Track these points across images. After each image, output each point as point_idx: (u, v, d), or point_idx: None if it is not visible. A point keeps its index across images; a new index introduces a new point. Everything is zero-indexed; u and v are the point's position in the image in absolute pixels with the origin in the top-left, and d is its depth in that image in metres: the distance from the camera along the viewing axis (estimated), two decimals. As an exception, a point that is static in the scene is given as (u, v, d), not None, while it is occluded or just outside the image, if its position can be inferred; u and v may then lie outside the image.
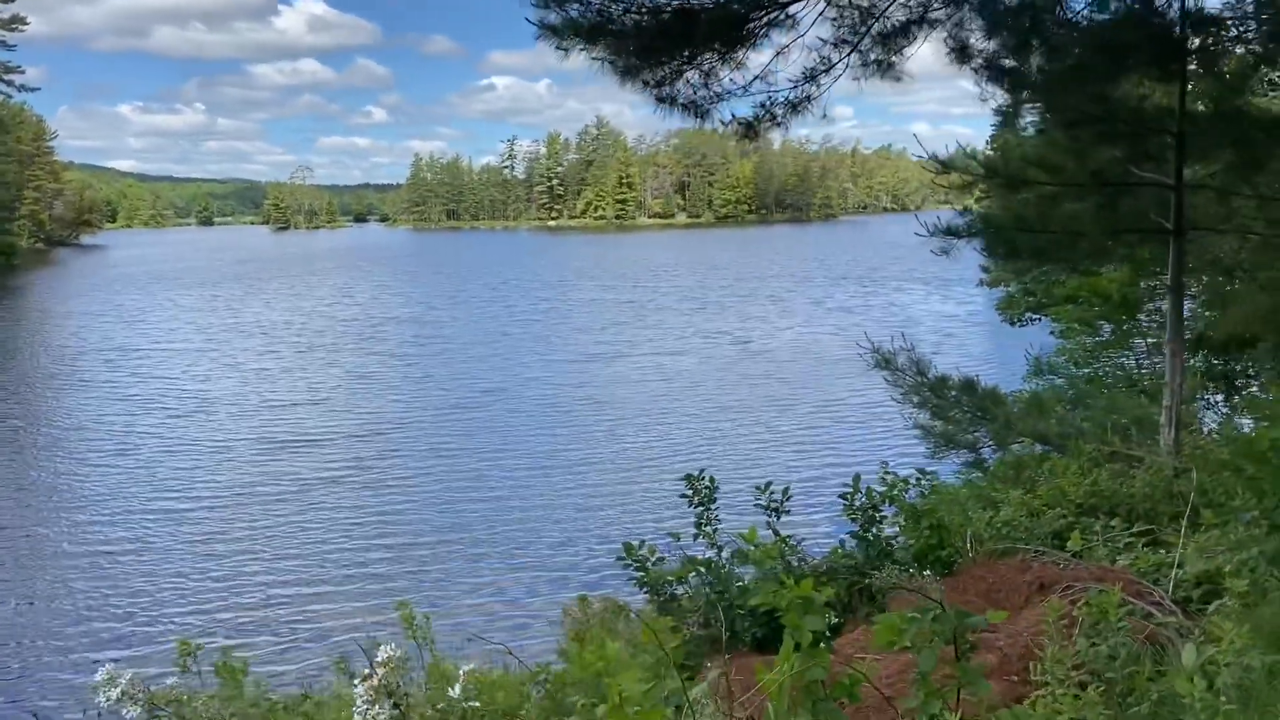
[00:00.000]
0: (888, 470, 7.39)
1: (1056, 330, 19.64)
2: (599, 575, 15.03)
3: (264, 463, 23.16)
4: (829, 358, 36.70)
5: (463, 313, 55.14)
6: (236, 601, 15.12)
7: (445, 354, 40.07)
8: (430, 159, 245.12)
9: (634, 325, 47.43)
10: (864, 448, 22.57)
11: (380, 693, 2.51)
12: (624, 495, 20.11)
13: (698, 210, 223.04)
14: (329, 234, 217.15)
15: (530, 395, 31.07)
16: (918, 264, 78.42)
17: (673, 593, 6.19)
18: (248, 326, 50.07)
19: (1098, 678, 4.36)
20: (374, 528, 18.41)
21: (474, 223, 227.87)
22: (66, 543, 17.86)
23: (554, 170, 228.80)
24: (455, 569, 16.41)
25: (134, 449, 24.68)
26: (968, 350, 36.10)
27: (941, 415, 10.52)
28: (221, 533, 18.16)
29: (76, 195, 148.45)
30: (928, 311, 52.23)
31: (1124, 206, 8.83)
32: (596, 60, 6.63)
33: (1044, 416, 9.94)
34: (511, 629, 13.46)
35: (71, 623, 14.49)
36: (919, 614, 3.21)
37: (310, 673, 10.87)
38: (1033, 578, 6.10)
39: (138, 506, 19.96)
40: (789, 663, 3.32)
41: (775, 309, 54.55)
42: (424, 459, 23.42)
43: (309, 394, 31.68)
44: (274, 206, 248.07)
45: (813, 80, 6.99)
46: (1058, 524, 7.14)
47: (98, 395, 31.88)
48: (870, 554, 6.68)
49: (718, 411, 28.07)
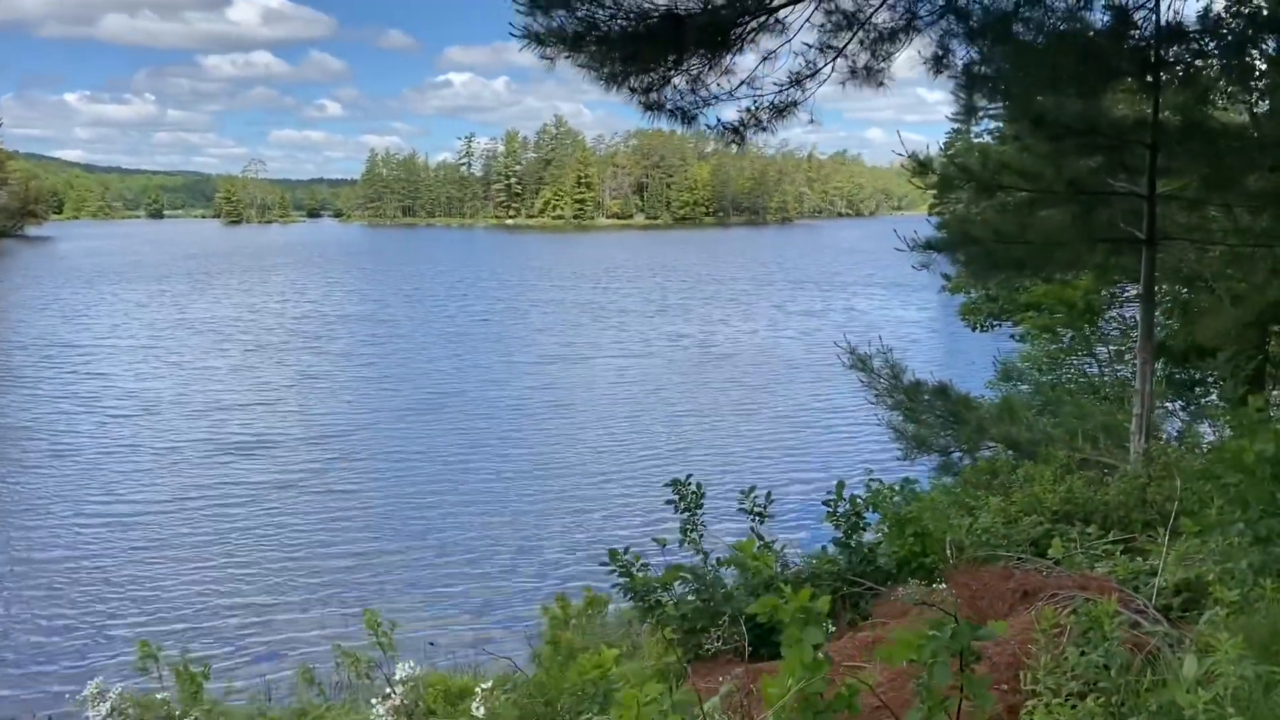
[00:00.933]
0: (872, 479, 7.39)
1: (1017, 335, 19.89)
2: (562, 579, 14.93)
3: (215, 466, 22.70)
4: (791, 361, 36.94)
5: (420, 312, 54.68)
6: (190, 608, 14.78)
7: (402, 354, 39.64)
8: (386, 155, 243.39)
9: (595, 327, 47.34)
10: (831, 451, 22.71)
11: (400, 714, 2.42)
12: (589, 499, 20.02)
13: (655, 212, 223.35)
14: (282, 229, 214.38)
15: (489, 397, 30.84)
16: (875, 268, 79.24)
17: (657, 599, 6.14)
18: (197, 323, 49.24)
19: (1092, 687, 4.36)
20: (331, 532, 18.14)
21: (430, 220, 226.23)
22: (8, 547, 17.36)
23: (512, 169, 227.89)
24: (416, 575, 16.21)
25: (77, 450, 24.08)
26: (929, 355, 36.44)
27: (914, 419, 10.59)
28: (172, 537, 17.76)
29: (21, 185, 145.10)
30: (888, 316, 52.70)
31: (1099, 215, 8.93)
32: (582, 68, 6.56)
33: (1015, 422, 10.03)
34: (475, 633, 13.33)
35: (22, 631, 14.09)
36: (937, 629, 3.19)
37: (273, 681, 10.69)
38: (1016, 585, 6.11)
39: (84, 510, 19.46)
40: (792, 674, 3.29)
41: (736, 312, 54.75)
42: (382, 462, 23.13)
43: (262, 395, 31.14)
44: (225, 200, 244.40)
45: (798, 85, 6.99)
46: (1035, 531, 7.19)
47: (39, 393, 31.08)
48: (853, 561, 6.67)
49: (682, 415, 28.07)
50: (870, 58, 7.03)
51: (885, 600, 6.14)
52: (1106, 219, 8.97)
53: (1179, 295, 14.18)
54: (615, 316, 51.56)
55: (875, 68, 7.11)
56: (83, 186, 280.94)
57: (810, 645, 3.32)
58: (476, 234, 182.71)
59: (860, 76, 7.13)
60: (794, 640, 3.35)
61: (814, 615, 3.32)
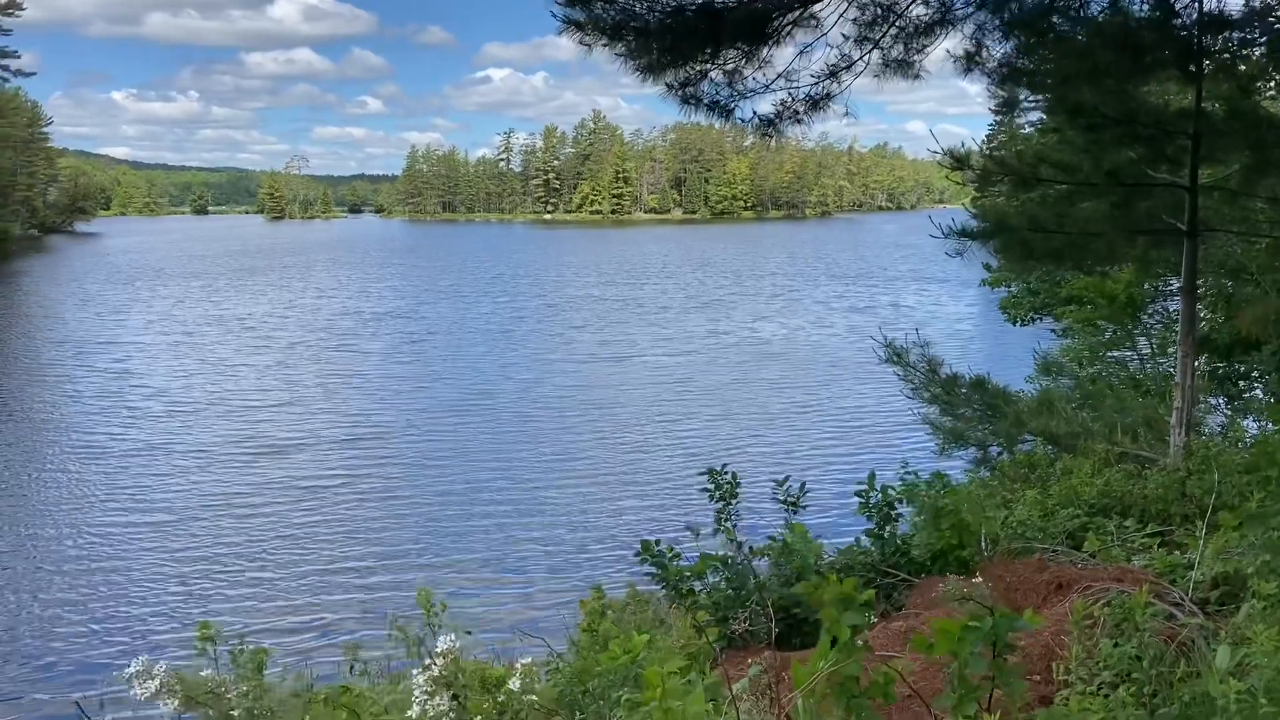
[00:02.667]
0: (907, 470, 7.39)
1: (1058, 330, 19.68)
2: (605, 570, 15.02)
3: (269, 458, 23.05)
4: (835, 357, 36.73)
5: (458, 308, 54.89)
6: (239, 597, 15.06)
7: (442, 351, 39.72)
8: (426, 151, 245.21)
9: (635, 324, 47.17)
10: (870, 446, 22.58)
11: (440, 684, 2.50)
12: (629, 493, 20.04)
13: (694, 206, 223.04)
14: (324, 224, 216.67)
15: (528, 393, 30.91)
16: (918, 263, 78.61)
17: (690, 588, 6.19)
18: (240, 319, 49.87)
19: (1125, 679, 4.36)
20: (371, 528, 18.30)
21: (469, 215, 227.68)
22: (67, 536, 17.76)
23: (550, 164, 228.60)
24: (464, 564, 16.36)
25: (122, 444, 24.47)
26: (971, 349, 36.15)
27: (951, 412, 10.55)
28: (216, 532, 17.94)
29: (70, 182, 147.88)
30: (930, 311, 52.19)
31: (1138, 207, 8.84)
32: (619, 57, 6.62)
33: (1053, 415, 9.96)
34: (515, 622, 13.43)
35: (85, 614, 14.46)
36: (978, 622, 3.21)
37: (319, 665, 10.89)
38: (1050, 577, 6.11)
39: (128, 503, 19.84)
40: (824, 658, 3.33)
41: (778, 307, 54.43)
42: (423, 458, 23.25)
43: (303, 390, 31.43)
44: (268, 196, 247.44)
45: (834, 77, 6.99)
46: (1071, 524, 7.16)
47: (81, 390, 31.40)
48: (886, 552, 6.69)
49: (723, 411, 27.97)
50: (904, 50, 7.03)
51: (920, 591, 6.16)
52: (1146, 210, 8.88)
53: (1222, 288, 13.98)
54: (655, 314, 51.41)
55: (909, 60, 7.10)
56: (129, 183, 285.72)
57: (848, 626, 3.34)
58: (515, 229, 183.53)
59: (894, 68, 7.13)
60: (832, 620, 3.38)
61: (854, 600, 3.35)
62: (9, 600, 14.88)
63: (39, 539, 17.43)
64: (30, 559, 16.51)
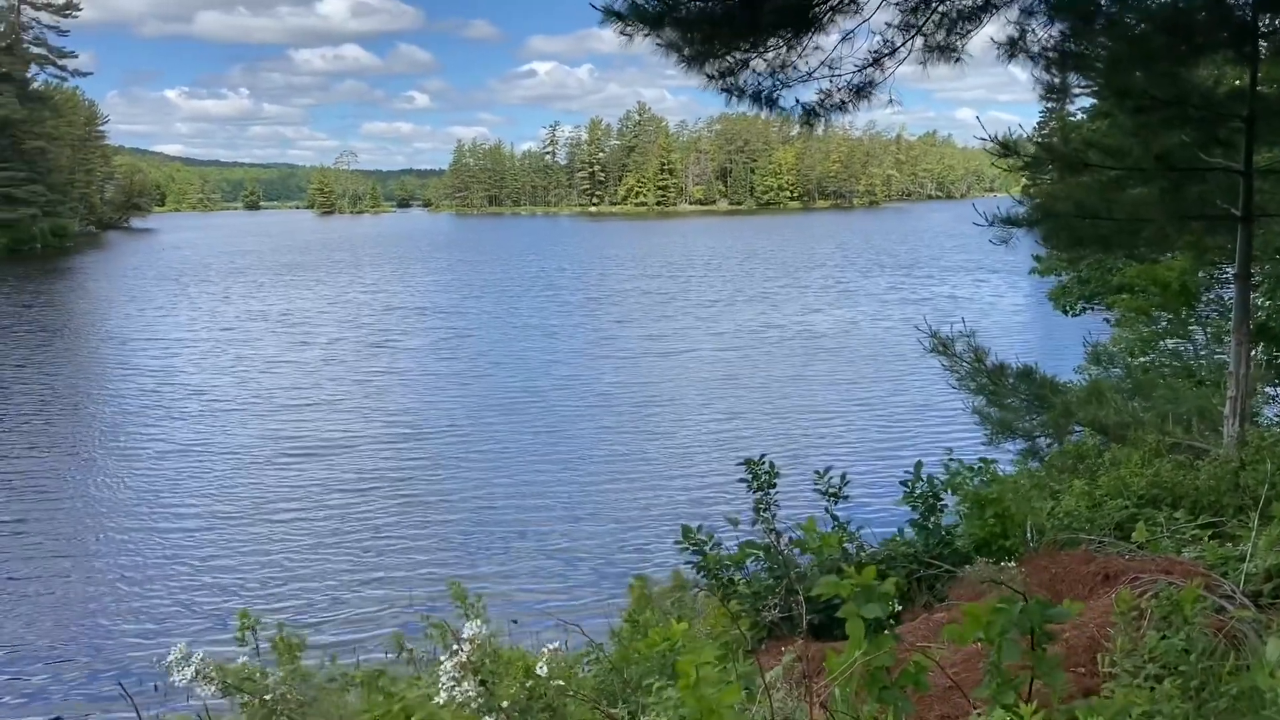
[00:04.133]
0: (952, 458, 7.30)
1: (1111, 320, 19.32)
2: (649, 563, 15.04)
3: (313, 453, 23.36)
4: (889, 348, 36.32)
5: (511, 303, 54.88)
6: (281, 588, 15.30)
7: (495, 347, 39.54)
8: (473, 145, 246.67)
9: (684, 318, 46.83)
10: (921, 435, 22.35)
11: (467, 670, 2.52)
12: (674, 485, 20.05)
13: (739, 197, 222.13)
14: (373, 219, 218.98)
15: (573, 387, 30.90)
16: (969, 252, 77.56)
17: (730, 577, 6.18)
18: (289, 315, 50.49)
19: (1172, 671, 4.28)
20: (424, 517, 18.50)
21: (515, 208, 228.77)
22: (112, 529, 18.14)
23: (595, 156, 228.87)
24: (509, 553, 16.48)
25: (171, 440, 24.95)
26: (1020, 339, 35.61)
27: (998, 402, 10.40)
28: (273, 522, 18.25)
29: (126, 179, 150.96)
30: (985, 300, 51.42)
31: (1190, 192, 8.64)
32: (661, 47, 6.59)
33: (1103, 405, 9.77)
34: (562, 612, 13.50)
35: (129, 601, 14.81)
36: (1005, 605, 3.16)
37: (362, 652, 11.03)
38: (1097, 569, 6.00)
39: (172, 499, 20.23)
40: (857, 649, 3.30)
41: (830, 298, 53.87)
42: (477, 450, 23.40)
43: (349, 384, 31.69)
44: (318, 191, 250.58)
45: (877, 64, 6.91)
46: (1120, 515, 7.03)
47: (134, 386, 31.89)
48: (929, 543, 6.61)
49: (780, 404, 27.78)
50: (948, 35, 6.92)
51: (963, 583, 6.08)
52: (1199, 195, 8.68)
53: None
54: (703, 307, 51.03)
55: (953, 45, 6.99)
56: (183, 180, 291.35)
57: (867, 619, 3.31)
58: (560, 222, 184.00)
59: (938, 54, 7.02)
60: (851, 615, 3.35)
61: (875, 592, 3.32)
62: (60, 589, 15.24)
63: (85, 532, 17.78)
64: (78, 552, 16.83)
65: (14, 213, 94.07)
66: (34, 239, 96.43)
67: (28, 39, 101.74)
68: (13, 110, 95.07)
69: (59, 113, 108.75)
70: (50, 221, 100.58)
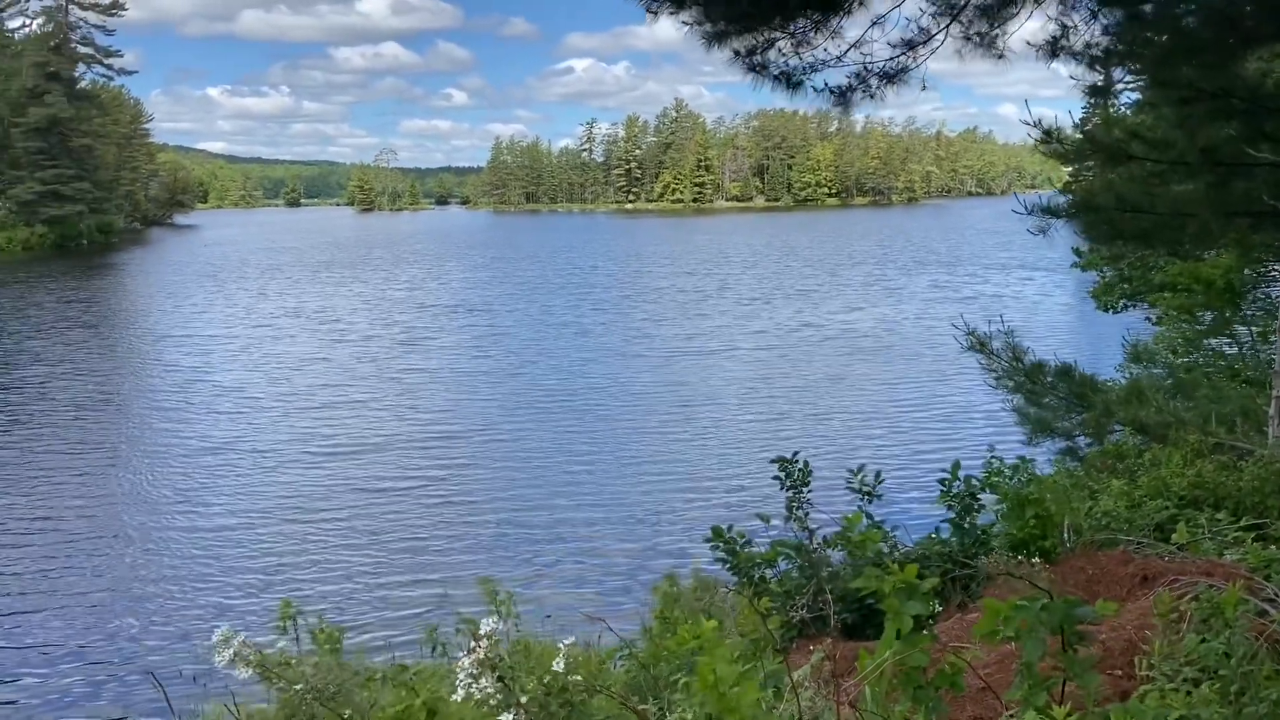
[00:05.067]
0: (993, 457, 7.19)
1: (1153, 318, 19.01)
2: (679, 559, 15.01)
3: (347, 452, 23.47)
4: (931, 346, 35.93)
5: (547, 300, 54.80)
6: (319, 581, 15.41)
7: (531, 345, 39.38)
8: (510, 142, 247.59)
9: (721, 316, 46.50)
10: (966, 436, 22.09)
11: (485, 666, 2.51)
12: (717, 484, 19.96)
13: (776, 193, 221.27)
14: (411, 216, 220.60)
15: (608, 386, 30.82)
16: (1012, 250, 76.64)
17: (761, 575, 6.14)
18: (325, 311, 50.88)
19: (1211, 675, 4.19)
20: (462, 512, 18.58)
21: (552, 206, 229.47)
22: (146, 526, 18.34)
23: (632, 153, 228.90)
24: (544, 552, 16.48)
25: (215, 435, 25.24)
26: (1061, 337, 35.11)
27: (1037, 401, 10.24)
28: (307, 518, 18.35)
29: (170, 176, 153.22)
30: (1031, 298, 50.65)
31: (1236, 188, 8.44)
32: (685, 25, 6.52)
33: (1144, 405, 9.60)
34: (590, 609, 13.50)
35: (168, 591, 15.03)
36: (1027, 602, 3.10)
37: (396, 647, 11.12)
38: (1135, 570, 5.90)
39: (229, 485, 20.54)
40: (890, 648, 3.25)
41: (873, 296, 53.26)
42: (512, 448, 23.39)
43: (385, 382, 31.77)
44: (358, 189, 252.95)
45: (910, 50, 6.80)
46: (1159, 515, 6.91)
47: (181, 381, 32.21)
48: (966, 542, 6.53)
49: (822, 404, 27.54)
50: (986, 25, 6.80)
51: (998, 583, 6.00)
52: (1245, 191, 8.47)
53: (1330, 273, 13.35)
54: (741, 306, 50.60)
55: (992, 36, 6.86)
56: (226, 177, 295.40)
57: (909, 616, 3.25)
58: (597, 219, 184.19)
59: (976, 45, 6.89)
60: (894, 610, 3.29)
61: (916, 589, 3.27)
62: (94, 585, 15.43)
63: (118, 529, 17.91)
64: (111, 549, 16.94)
65: (61, 209, 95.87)
66: (80, 235, 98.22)
67: (75, 38, 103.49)
68: (61, 109, 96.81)
69: (105, 111, 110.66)
70: (96, 218, 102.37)
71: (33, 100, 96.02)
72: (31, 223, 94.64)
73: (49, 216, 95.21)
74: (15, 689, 12.24)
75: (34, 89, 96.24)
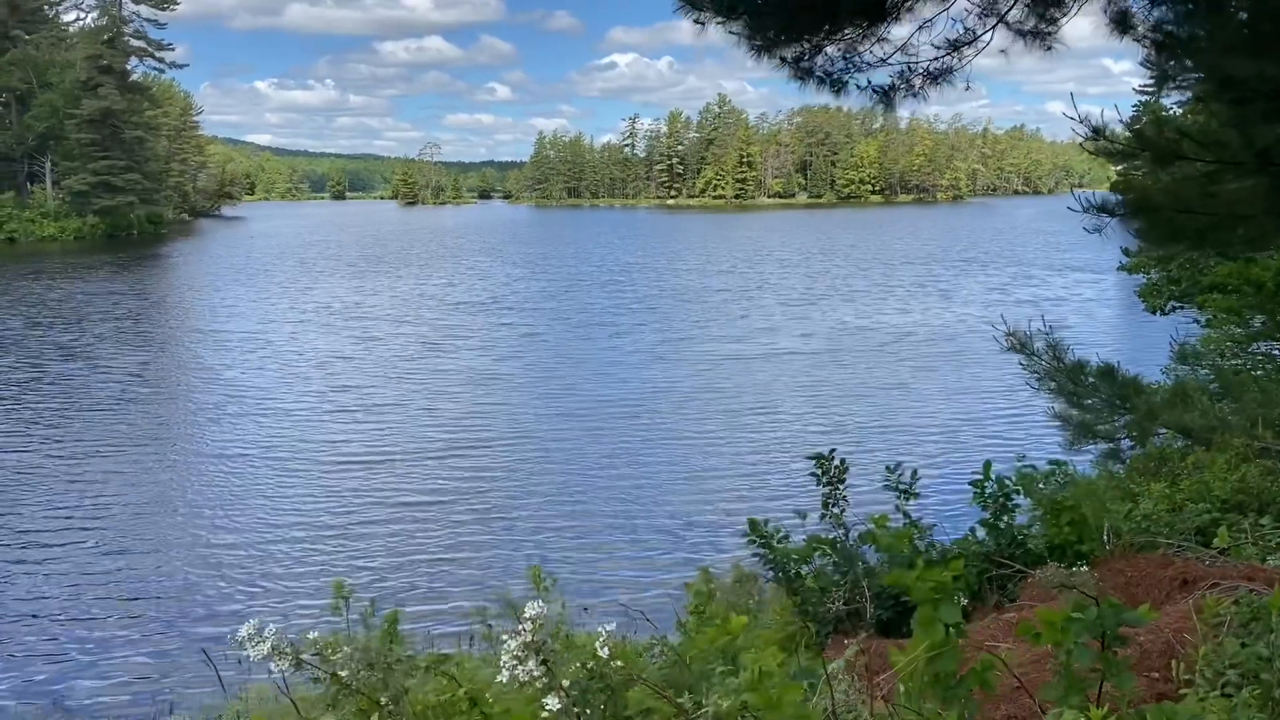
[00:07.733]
0: (1024, 463, 7.15)
1: (1202, 320, 18.69)
2: (716, 554, 15.04)
3: (394, 437, 23.84)
4: (973, 345, 35.55)
5: (589, 297, 54.73)
6: (368, 566, 15.67)
7: (571, 341, 39.45)
8: (553, 137, 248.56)
9: (770, 315, 46.02)
10: (1016, 438, 21.84)
11: (529, 650, 2.57)
12: (755, 482, 19.93)
13: (819, 190, 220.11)
14: (454, 210, 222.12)
15: (649, 384, 30.82)
16: (1061, 250, 75.57)
17: (797, 571, 6.15)
18: (378, 306, 51.39)
19: (1251, 680, 4.15)
20: (497, 508, 18.71)
21: (594, 201, 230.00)
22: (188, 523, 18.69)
23: (674, 149, 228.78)
24: (583, 548, 16.58)
25: (273, 415, 25.72)
26: (1108, 337, 34.59)
27: (1078, 403, 10.12)
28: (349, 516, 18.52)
29: (219, 168, 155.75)
30: (1082, 299, 49.88)
31: (1291, 189, 8.27)
32: (733, 35, 6.53)
33: (1188, 408, 9.46)
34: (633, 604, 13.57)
35: (215, 574, 15.34)
36: (1080, 614, 3.10)
37: (437, 634, 11.27)
38: (1175, 573, 5.84)
39: (279, 469, 20.86)
40: (923, 646, 3.26)
41: (918, 296, 52.65)
42: (553, 445, 23.48)
43: (426, 379, 31.87)
44: (402, 182, 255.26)
45: (955, 51, 6.76)
46: (1201, 519, 6.83)
47: (226, 377, 32.47)
48: (1001, 543, 6.50)
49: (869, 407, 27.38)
50: (1035, 20, 6.73)
51: (1032, 584, 5.97)
52: (1301, 192, 8.29)
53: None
54: (784, 307, 50.12)
55: (1043, 30, 6.80)
56: (272, 169, 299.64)
57: (942, 625, 3.25)
58: (638, 214, 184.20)
59: (1026, 40, 6.83)
60: (927, 619, 3.30)
61: (949, 592, 3.26)
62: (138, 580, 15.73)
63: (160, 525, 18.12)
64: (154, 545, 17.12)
65: (113, 200, 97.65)
66: (131, 226, 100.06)
67: (128, 32, 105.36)
68: (114, 101, 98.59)
69: (156, 103, 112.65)
70: (146, 209, 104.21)
71: (86, 92, 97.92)
72: (84, 213, 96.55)
73: (100, 207, 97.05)
74: (73, 668, 12.59)
75: (87, 81, 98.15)
